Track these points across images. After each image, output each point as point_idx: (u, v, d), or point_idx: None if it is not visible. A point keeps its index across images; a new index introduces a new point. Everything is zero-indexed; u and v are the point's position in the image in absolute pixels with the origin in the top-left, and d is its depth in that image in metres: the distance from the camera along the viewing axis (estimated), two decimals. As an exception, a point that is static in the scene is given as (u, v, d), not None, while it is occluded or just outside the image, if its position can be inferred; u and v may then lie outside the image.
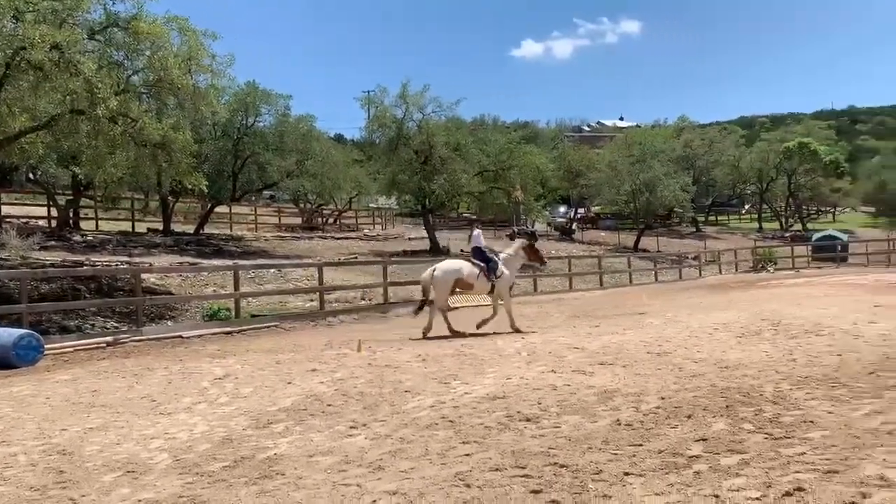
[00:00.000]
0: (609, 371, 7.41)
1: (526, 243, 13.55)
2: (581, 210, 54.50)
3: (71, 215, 27.21)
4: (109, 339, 13.00)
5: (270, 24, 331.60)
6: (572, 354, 8.76)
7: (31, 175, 28.33)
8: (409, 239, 36.60)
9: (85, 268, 17.64)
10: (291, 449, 5.09)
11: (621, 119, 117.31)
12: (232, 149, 28.84)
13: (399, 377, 7.72)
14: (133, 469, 4.85)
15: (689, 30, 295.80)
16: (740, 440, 4.56)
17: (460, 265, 13.01)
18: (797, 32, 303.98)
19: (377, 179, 37.69)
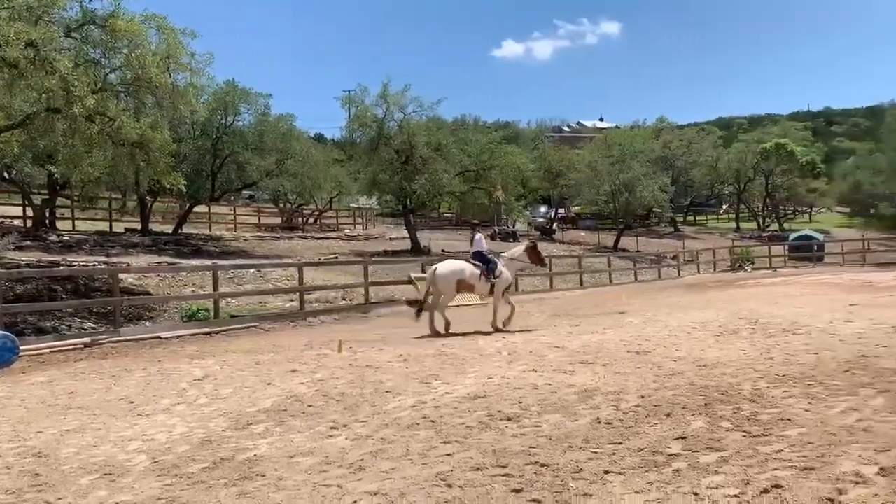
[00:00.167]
0: (589, 370, 7.46)
1: (529, 245, 14.06)
2: (561, 210, 54.79)
3: (47, 215, 26.83)
4: (87, 340, 12.81)
5: (250, 23, 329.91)
6: (553, 353, 8.80)
7: (6, 174, 27.83)
8: (391, 239, 36.53)
9: (61, 268, 17.38)
10: (271, 450, 5.06)
11: (601, 120, 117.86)
12: (211, 148, 28.60)
13: (380, 377, 7.71)
14: (110, 471, 4.79)
15: (669, 32, 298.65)
16: (719, 438, 4.61)
17: (462, 266, 13.06)
18: (775, 35, 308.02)
19: (358, 179, 37.63)
